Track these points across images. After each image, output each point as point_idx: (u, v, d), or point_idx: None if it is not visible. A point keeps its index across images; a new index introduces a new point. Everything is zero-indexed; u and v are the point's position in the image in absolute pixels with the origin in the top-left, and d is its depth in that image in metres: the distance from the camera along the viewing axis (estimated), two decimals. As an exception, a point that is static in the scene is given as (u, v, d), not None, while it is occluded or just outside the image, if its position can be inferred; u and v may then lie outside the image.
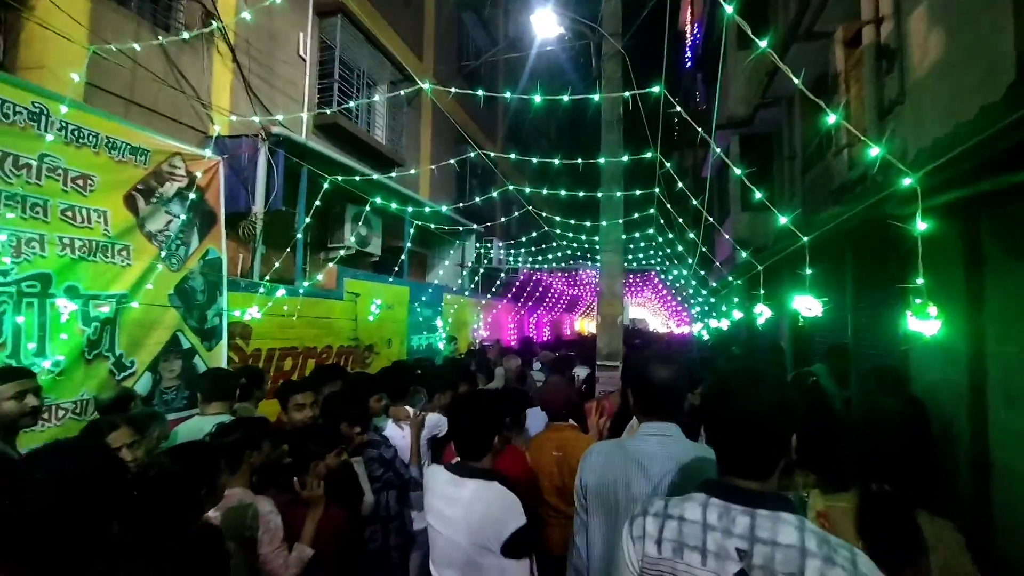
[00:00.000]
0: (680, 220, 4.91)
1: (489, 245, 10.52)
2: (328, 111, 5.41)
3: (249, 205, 4.63)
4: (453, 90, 2.99)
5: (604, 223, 4.73)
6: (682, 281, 9.65)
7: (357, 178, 4.67)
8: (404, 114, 8.78)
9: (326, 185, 4.14)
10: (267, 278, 4.26)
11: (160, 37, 4.50)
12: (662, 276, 10.64)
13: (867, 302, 3.62)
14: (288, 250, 4.56)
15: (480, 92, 2.79)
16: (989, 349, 3.10)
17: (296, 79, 6.43)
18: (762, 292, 3.09)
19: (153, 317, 3.46)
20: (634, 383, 1.65)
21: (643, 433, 1.59)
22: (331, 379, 3.40)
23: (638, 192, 4.33)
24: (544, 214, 6.28)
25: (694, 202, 3.53)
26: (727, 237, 6.52)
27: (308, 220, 4.50)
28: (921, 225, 1.48)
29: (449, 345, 7.30)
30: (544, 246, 9.37)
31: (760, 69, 9.34)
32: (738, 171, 2.66)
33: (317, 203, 4.32)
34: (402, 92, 4.88)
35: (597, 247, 7.41)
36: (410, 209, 6.54)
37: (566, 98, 3.01)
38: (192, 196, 3.77)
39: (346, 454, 2.54)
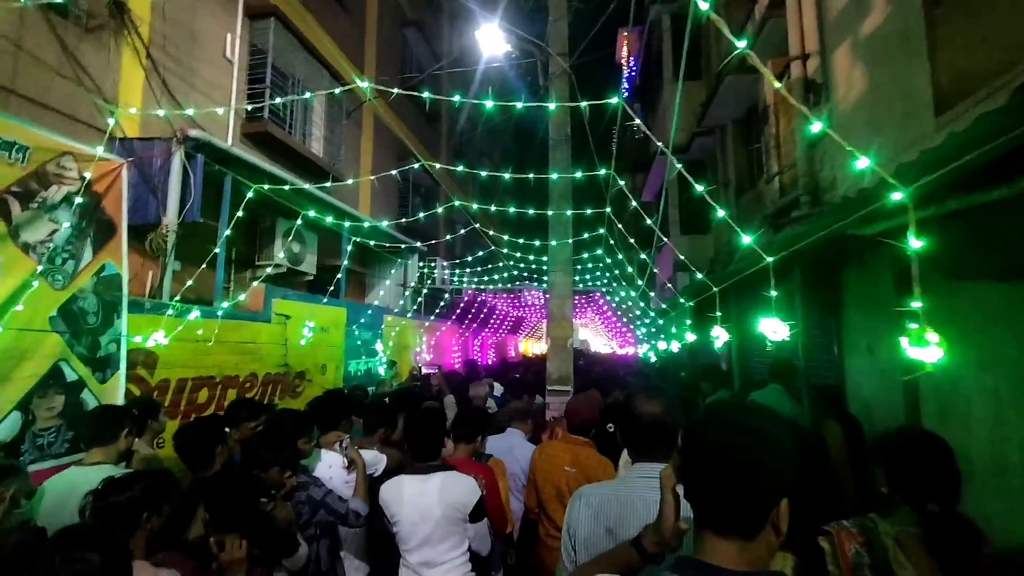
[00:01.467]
0: (632, 240, 4.88)
1: (433, 265, 10.19)
2: (249, 106, 4.96)
3: (160, 215, 4.09)
4: (396, 91, 2.75)
5: (553, 242, 4.61)
6: (629, 302, 9.76)
7: (286, 187, 4.26)
8: (343, 127, 8.37)
9: (250, 194, 3.72)
10: (177, 298, 3.72)
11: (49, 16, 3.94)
12: (608, 297, 10.74)
13: (816, 322, 3.70)
14: (204, 267, 4.04)
15: (426, 95, 2.57)
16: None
17: (221, 82, 5.91)
18: (719, 314, 3.04)
19: (25, 344, 2.88)
20: (621, 420, 1.49)
21: (636, 475, 1.41)
22: (247, 418, 2.96)
23: (588, 211, 4.25)
24: (491, 232, 6.10)
25: (648, 221, 3.47)
26: (680, 257, 6.64)
27: (228, 233, 4.02)
28: (915, 243, 1.41)
29: (389, 370, 6.88)
30: (490, 266, 9.17)
31: (695, 100, 9.84)
32: (699, 188, 2.59)
33: (240, 214, 3.87)
34: (336, 91, 4.55)
35: (544, 267, 7.32)
36: (347, 224, 6.13)
37: (518, 104, 2.87)
38: (84, 202, 3.23)
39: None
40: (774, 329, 2.26)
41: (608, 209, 4.16)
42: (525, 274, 9.12)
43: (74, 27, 4.33)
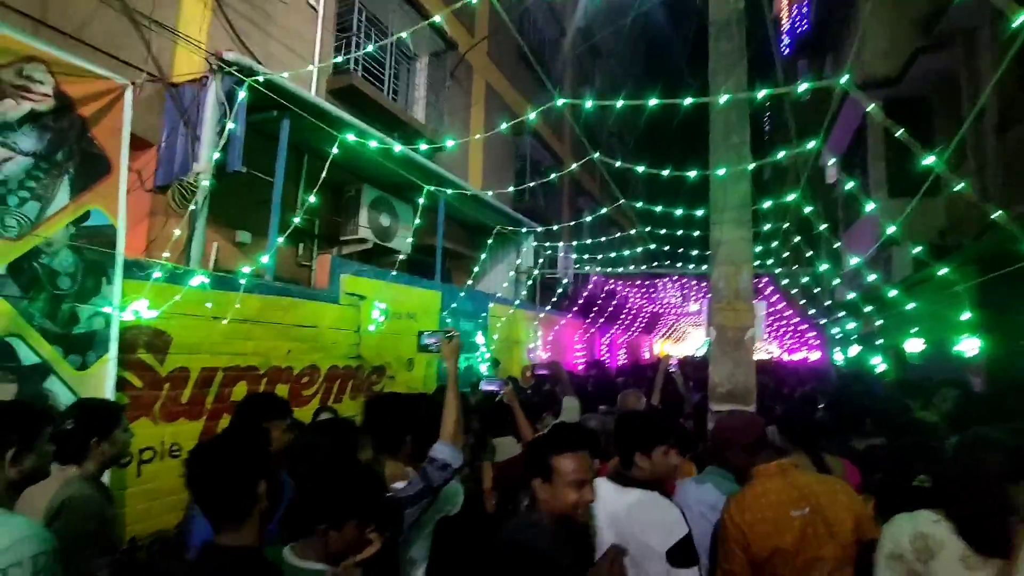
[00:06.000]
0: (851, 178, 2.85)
1: (552, 247, 8.76)
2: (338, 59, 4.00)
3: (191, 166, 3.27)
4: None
5: (720, 171, 2.84)
6: (818, 286, 7.17)
7: (286, 77, 3.13)
8: (447, 90, 7.39)
9: (243, 93, 2.64)
10: (166, 255, 2.80)
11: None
12: (781, 283, 8.15)
13: None
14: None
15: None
16: None
17: (304, 31, 5.19)
18: None
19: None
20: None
21: None
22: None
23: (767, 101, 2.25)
24: (617, 163, 4.42)
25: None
26: (887, 228, 4.22)
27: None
28: None
29: (492, 369, 5.62)
30: (619, 234, 7.37)
31: (919, 8, 6.95)
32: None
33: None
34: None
35: (696, 236, 5.45)
36: (422, 156, 5.00)
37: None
38: (58, 126, 2.43)
39: None
40: None
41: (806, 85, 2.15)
42: (663, 248, 7.19)
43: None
